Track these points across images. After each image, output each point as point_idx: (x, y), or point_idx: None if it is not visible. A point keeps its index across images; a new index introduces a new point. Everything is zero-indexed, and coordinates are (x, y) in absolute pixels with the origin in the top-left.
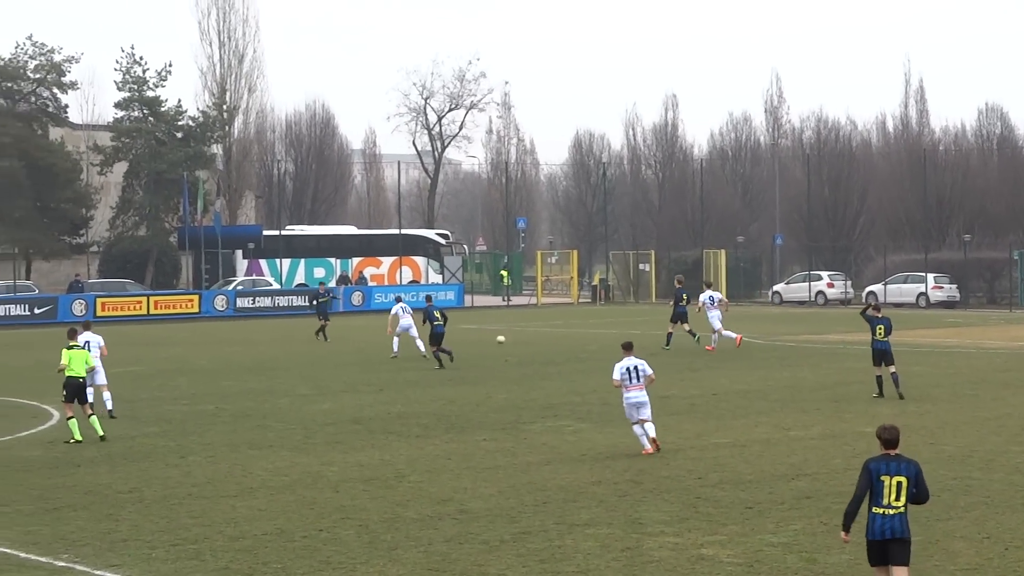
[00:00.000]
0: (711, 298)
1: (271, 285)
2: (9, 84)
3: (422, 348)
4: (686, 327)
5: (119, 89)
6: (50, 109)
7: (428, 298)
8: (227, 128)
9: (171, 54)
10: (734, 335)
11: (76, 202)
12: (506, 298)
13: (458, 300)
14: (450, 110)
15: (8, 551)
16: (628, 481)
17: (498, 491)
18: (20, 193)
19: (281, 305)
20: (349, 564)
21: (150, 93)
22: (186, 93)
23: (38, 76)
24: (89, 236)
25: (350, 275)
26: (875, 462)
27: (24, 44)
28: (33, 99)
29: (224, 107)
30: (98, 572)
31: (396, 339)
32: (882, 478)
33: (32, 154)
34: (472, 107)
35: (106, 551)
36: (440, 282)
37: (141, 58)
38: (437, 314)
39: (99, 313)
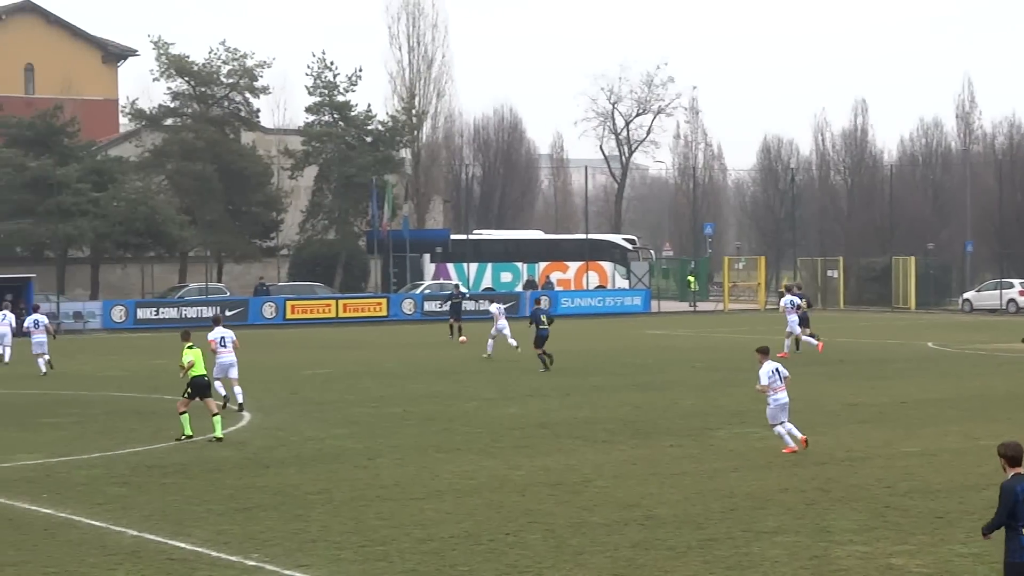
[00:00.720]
0: (791, 302)
1: (459, 289)
2: (203, 89)
3: (513, 342)
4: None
5: (310, 94)
6: (242, 114)
7: (537, 300)
8: (416, 132)
9: (361, 59)
10: (815, 341)
11: (267, 205)
12: (692, 304)
13: (644, 306)
14: (637, 115)
15: (200, 550)
16: (816, 489)
17: (684, 497)
18: (213, 196)
19: (468, 309)
20: (535, 568)
21: (340, 98)
22: (375, 98)
23: (231, 81)
24: (279, 239)
25: (536, 280)
26: (1009, 482)
27: (217, 50)
28: (226, 104)
29: (413, 111)
30: (287, 572)
31: (491, 341)
32: None
33: (225, 158)
34: (660, 112)
35: (295, 551)
36: (627, 287)
37: (332, 63)
38: (544, 318)
39: (288, 316)
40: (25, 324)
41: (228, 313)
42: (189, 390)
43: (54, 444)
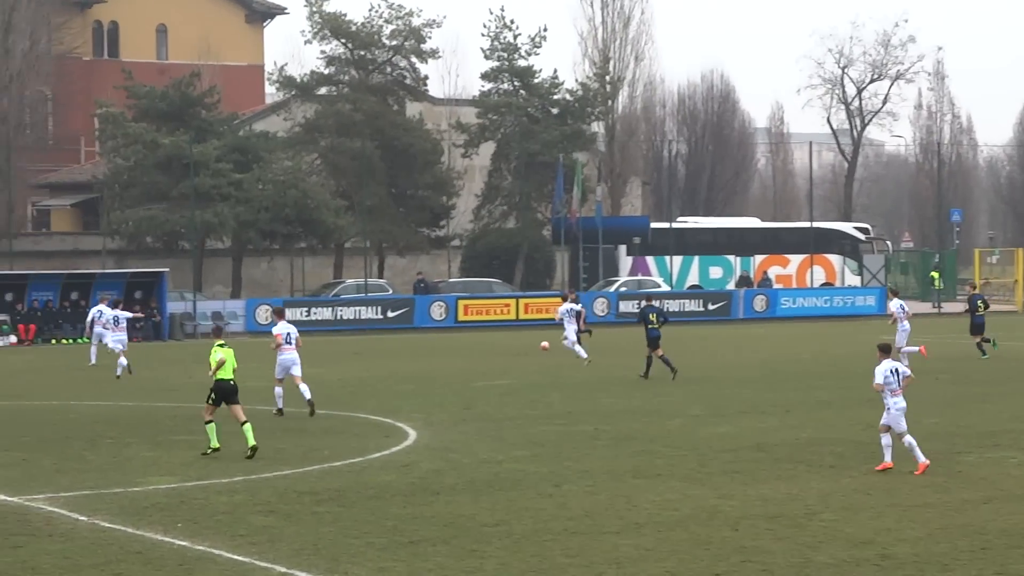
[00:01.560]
0: (902, 308)
1: (659, 286)
2: (362, 53)
3: (582, 354)
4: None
5: (486, 58)
6: (408, 81)
7: (648, 298)
8: (610, 103)
9: (546, 17)
10: (916, 348)
11: (436, 189)
12: (937, 304)
13: (879, 306)
14: (871, 81)
15: None
16: None
17: (927, 533)
18: (373, 178)
19: (672, 310)
20: None
21: (522, 62)
22: (563, 62)
23: (394, 43)
24: (450, 228)
25: (752, 275)
26: None
27: (379, 7)
28: (389, 70)
29: (607, 78)
30: None
31: (578, 347)
32: None
33: (387, 133)
34: (898, 78)
35: None
36: (858, 285)
37: (512, 22)
38: (652, 316)
39: (461, 317)
40: (104, 319)
41: (391, 314)
42: (213, 395)
43: (190, 465)
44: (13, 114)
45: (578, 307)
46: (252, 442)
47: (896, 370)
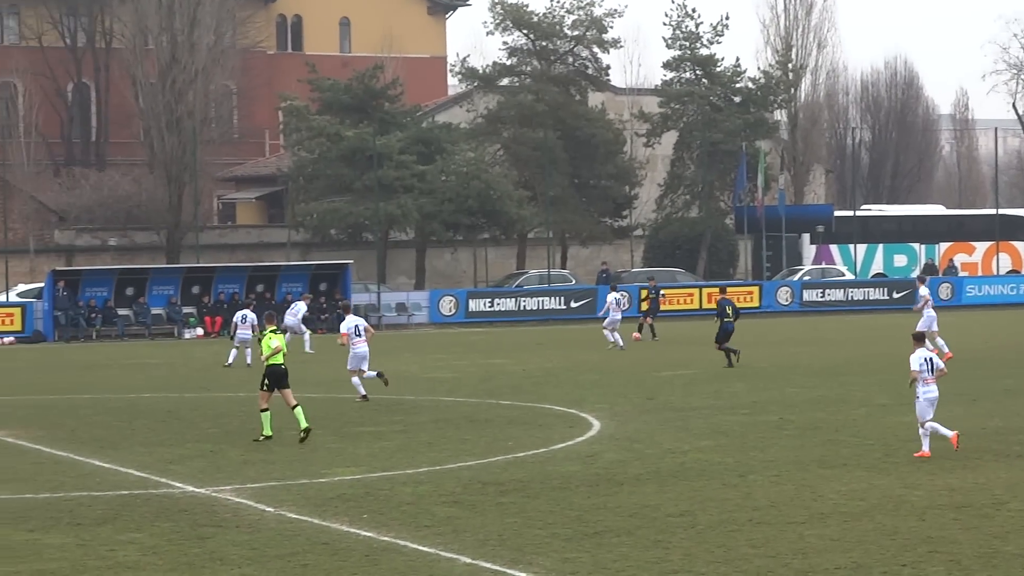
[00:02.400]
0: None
1: (843, 275)
2: (544, 43)
3: (615, 340)
4: None
5: (668, 47)
6: (590, 71)
7: (722, 290)
8: (792, 91)
9: (728, 5)
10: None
11: (618, 178)
12: None
13: None
14: None
15: None
16: None
17: None
18: (556, 168)
19: (855, 299)
20: None
21: (704, 51)
22: (745, 51)
23: (576, 34)
24: (633, 218)
25: (937, 263)
26: None
27: None
28: (571, 60)
29: (789, 66)
30: None
31: (615, 334)
32: None
33: (569, 123)
34: None
35: None
36: None
37: (694, 11)
38: (729, 310)
39: (643, 307)
40: (233, 319)
41: (574, 304)
42: (266, 380)
43: (375, 456)
44: (198, 108)
45: (622, 296)
46: (304, 423)
47: (931, 359)
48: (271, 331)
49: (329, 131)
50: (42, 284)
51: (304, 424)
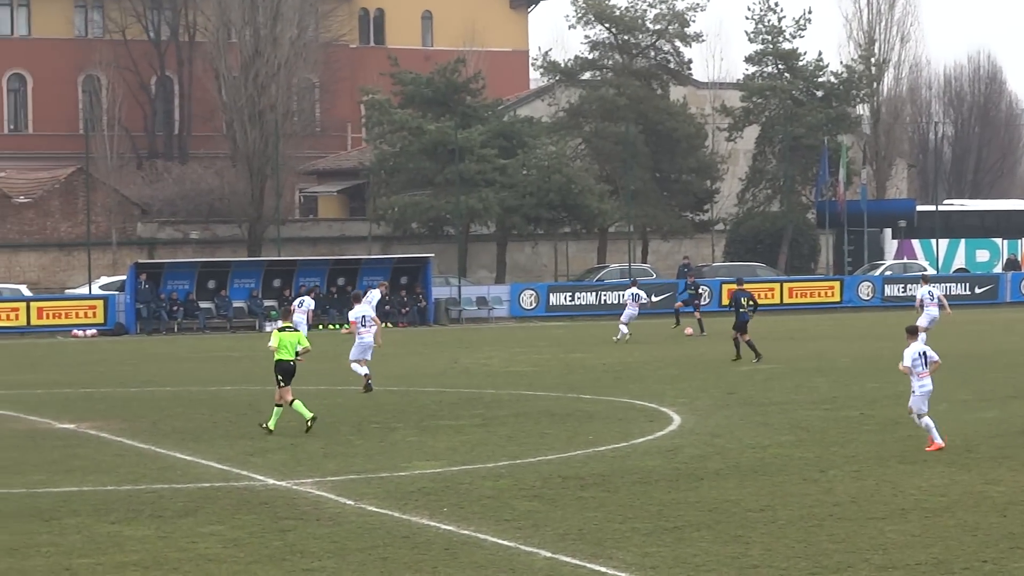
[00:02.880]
0: (930, 294)
1: (926, 270)
2: (626, 37)
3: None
4: None
5: (750, 41)
6: (671, 65)
7: (738, 282)
8: (875, 85)
9: None
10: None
11: (700, 173)
12: None
13: None
14: None
15: (624, 575)
16: None
17: None
18: (638, 162)
19: (935, 295)
20: None
21: (786, 45)
22: (827, 45)
23: (658, 27)
24: (714, 212)
25: (1019, 259)
26: None
27: None
28: (653, 54)
29: (872, 60)
30: None
31: (623, 326)
32: None
33: (651, 117)
34: None
35: None
36: None
37: (776, 4)
38: (744, 301)
39: (724, 302)
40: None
41: (655, 298)
42: (279, 376)
43: (455, 450)
44: (281, 102)
45: (641, 292)
46: (307, 415)
47: (924, 353)
48: (277, 330)
49: (411, 125)
50: (124, 277)
51: (307, 416)
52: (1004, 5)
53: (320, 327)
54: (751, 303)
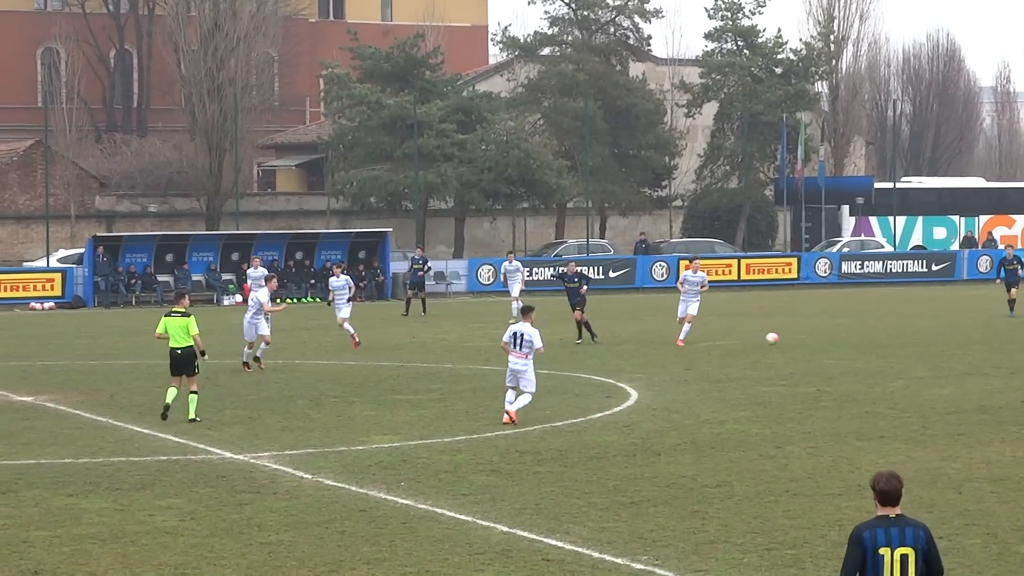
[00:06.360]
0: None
1: (882, 247)
2: (585, 13)
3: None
4: None
5: (710, 17)
6: (631, 41)
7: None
8: (834, 62)
9: None
10: None
11: (658, 149)
12: None
13: None
14: None
15: (580, 550)
16: None
17: None
18: (596, 138)
19: (894, 271)
20: None
21: (746, 22)
22: (787, 22)
23: (618, 3)
24: (672, 189)
25: (976, 236)
26: (868, 529)
27: None
28: (612, 30)
29: (831, 37)
30: None
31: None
32: (880, 552)
33: (610, 93)
34: None
35: (690, 554)
36: None
37: None
38: (577, 280)
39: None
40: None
41: (612, 274)
42: (172, 366)
43: (413, 425)
44: (240, 75)
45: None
46: (191, 415)
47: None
48: (164, 316)
49: (370, 99)
50: (82, 250)
51: (191, 415)
52: None
53: (278, 301)
54: (584, 281)
